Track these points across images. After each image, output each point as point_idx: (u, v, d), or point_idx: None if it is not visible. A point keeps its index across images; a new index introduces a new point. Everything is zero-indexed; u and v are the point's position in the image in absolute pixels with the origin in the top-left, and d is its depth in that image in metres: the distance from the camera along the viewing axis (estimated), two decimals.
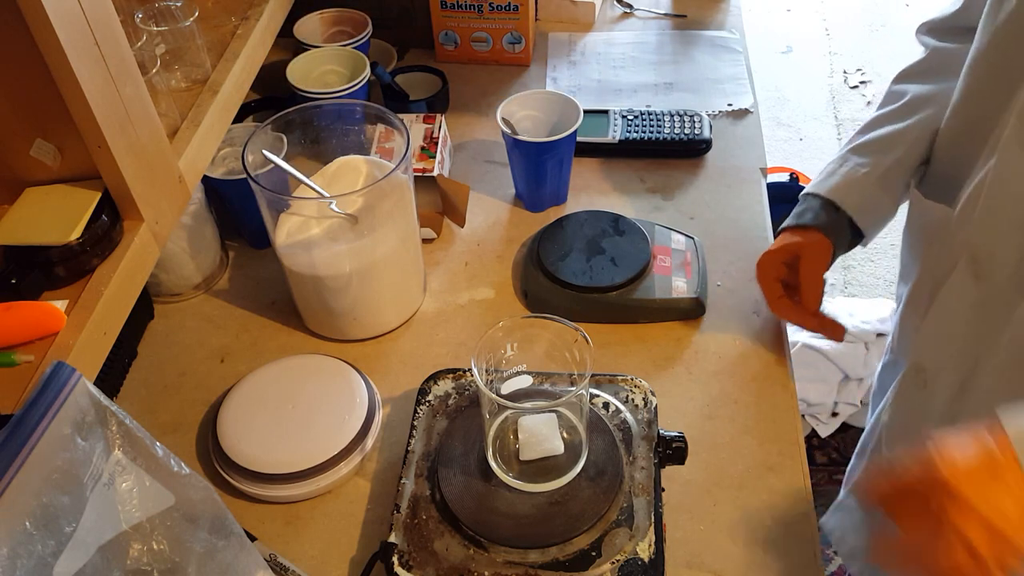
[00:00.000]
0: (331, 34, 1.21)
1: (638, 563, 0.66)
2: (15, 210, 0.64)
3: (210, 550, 0.63)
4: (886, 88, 0.92)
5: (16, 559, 0.50)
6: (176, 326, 0.95)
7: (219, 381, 0.88)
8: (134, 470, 0.59)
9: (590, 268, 0.91)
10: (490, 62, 1.28)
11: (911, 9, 3.13)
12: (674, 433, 0.73)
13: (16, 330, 0.59)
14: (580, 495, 0.70)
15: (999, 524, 0.50)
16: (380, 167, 0.89)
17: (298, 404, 0.81)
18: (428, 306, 0.95)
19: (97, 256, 0.64)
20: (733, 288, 0.95)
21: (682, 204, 1.06)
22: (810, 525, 0.75)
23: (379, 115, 0.92)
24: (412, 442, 0.76)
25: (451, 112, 1.20)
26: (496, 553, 0.67)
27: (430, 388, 0.80)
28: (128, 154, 0.63)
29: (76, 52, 0.56)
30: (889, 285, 2.17)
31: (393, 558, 0.67)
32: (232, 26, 0.88)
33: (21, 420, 0.53)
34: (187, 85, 0.80)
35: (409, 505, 0.71)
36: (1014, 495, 0.51)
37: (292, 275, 0.88)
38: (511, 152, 1.03)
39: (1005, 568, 0.50)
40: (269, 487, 0.77)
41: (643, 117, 1.12)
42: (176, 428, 0.85)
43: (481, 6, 1.22)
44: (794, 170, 2.11)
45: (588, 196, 1.07)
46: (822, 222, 0.84)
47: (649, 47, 1.32)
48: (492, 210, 1.06)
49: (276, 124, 0.85)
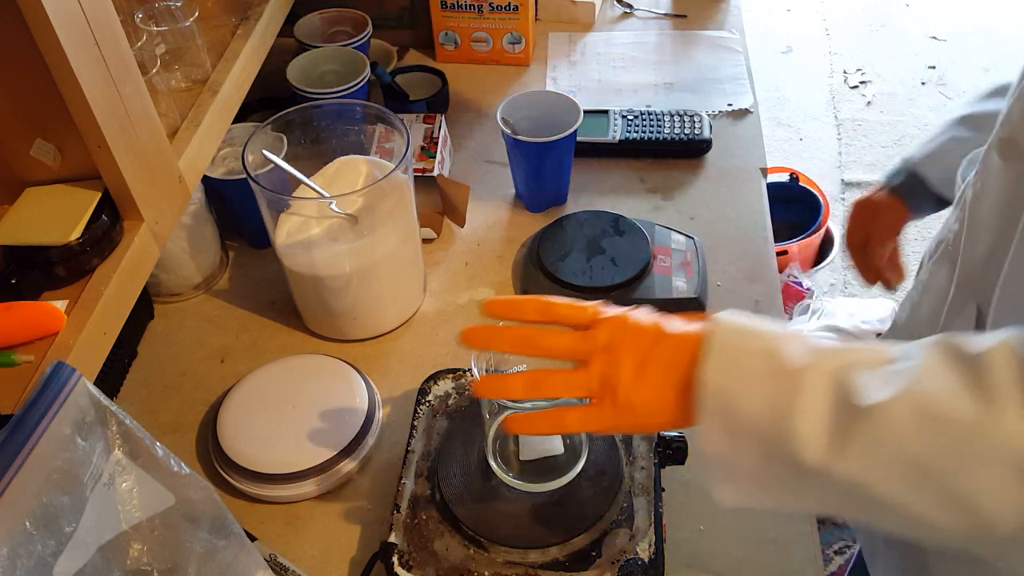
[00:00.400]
0: (331, 34, 1.21)
1: (638, 563, 0.66)
2: (15, 210, 0.64)
3: (210, 550, 0.63)
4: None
5: (16, 559, 0.50)
6: (176, 326, 0.95)
7: (219, 381, 0.88)
8: (134, 470, 0.59)
9: (590, 268, 0.91)
10: (490, 62, 1.28)
11: (911, 9, 3.13)
12: (674, 433, 0.73)
13: (16, 330, 0.59)
14: (580, 495, 0.70)
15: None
16: (380, 167, 0.89)
17: (298, 404, 0.81)
18: (428, 306, 0.95)
19: (97, 256, 0.64)
20: (733, 288, 0.95)
21: (682, 204, 1.06)
22: (810, 525, 0.75)
23: (379, 115, 0.92)
24: (412, 442, 0.76)
25: (451, 112, 1.20)
26: (496, 553, 0.67)
27: (430, 388, 0.80)
28: (128, 154, 0.63)
29: (76, 52, 0.56)
30: None
31: (393, 558, 0.67)
32: (232, 26, 0.88)
33: (21, 420, 0.52)
34: (187, 85, 0.80)
35: (409, 505, 0.71)
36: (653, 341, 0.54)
37: (292, 275, 0.88)
38: (511, 152, 1.03)
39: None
40: (269, 487, 0.77)
41: (643, 117, 1.12)
42: (176, 428, 0.85)
43: (481, 6, 1.22)
44: (794, 170, 2.11)
45: (588, 196, 1.07)
46: (903, 189, 0.91)
47: (649, 47, 1.32)
48: (492, 210, 1.06)
49: (276, 124, 0.85)
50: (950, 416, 0.44)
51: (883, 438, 0.45)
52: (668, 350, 0.54)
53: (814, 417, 0.47)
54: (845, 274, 2.20)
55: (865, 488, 0.47)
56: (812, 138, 2.62)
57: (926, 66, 2.85)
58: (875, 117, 2.67)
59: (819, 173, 2.41)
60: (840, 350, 0.50)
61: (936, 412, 0.45)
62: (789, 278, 1.95)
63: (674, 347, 0.54)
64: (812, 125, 2.67)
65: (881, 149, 2.56)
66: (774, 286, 0.95)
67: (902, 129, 2.62)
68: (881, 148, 2.56)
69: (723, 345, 0.51)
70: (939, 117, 2.62)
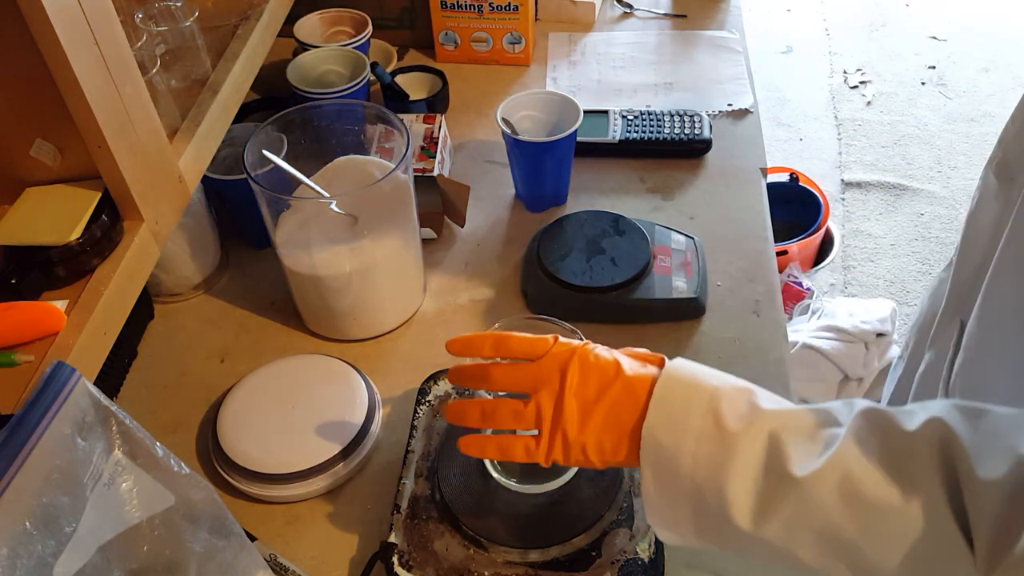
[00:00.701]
0: (331, 34, 1.21)
1: (638, 563, 0.66)
2: (15, 210, 0.64)
3: (210, 550, 0.63)
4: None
5: (16, 559, 0.50)
6: (176, 326, 0.95)
7: (219, 381, 0.88)
8: (134, 470, 0.59)
9: (590, 268, 0.91)
10: (490, 62, 1.28)
11: (911, 9, 3.13)
12: None
13: (16, 330, 0.59)
14: (580, 495, 0.70)
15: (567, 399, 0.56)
16: (380, 167, 0.89)
17: (298, 404, 0.81)
18: (428, 306, 0.95)
19: (97, 256, 0.64)
20: (733, 288, 0.95)
21: (682, 204, 1.06)
22: None
23: (379, 115, 0.92)
24: (412, 442, 0.76)
25: (451, 112, 1.20)
26: (496, 553, 0.67)
27: (430, 388, 0.80)
28: (128, 154, 0.63)
29: (76, 52, 0.56)
30: (889, 285, 2.17)
31: (393, 558, 0.67)
32: (232, 26, 0.88)
33: (21, 420, 0.52)
34: (187, 85, 0.80)
35: (409, 505, 0.71)
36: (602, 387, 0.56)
37: (292, 275, 0.88)
38: (511, 152, 1.03)
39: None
40: (269, 487, 0.77)
41: (643, 117, 1.12)
42: (176, 428, 0.85)
43: (481, 6, 1.22)
44: (794, 170, 2.12)
45: (588, 196, 1.07)
46: None
47: (649, 47, 1.32)
48: (492, 210, 1.06)
49: (276, 124, 0.85)
50: (871, 497, 0.46)
51: (806, 509, 0.48)
52: (617, 393, 0.55)
53: (743, 483, 0.49)
54: (845, 274, 2.20)
55: (789, 551, 0.49)
56: (812, 138, 2.62)
57: (926, 66, 2.85)
58: (875, 117, 2.67)
59: (819, 173, 2.41)
60: (779, 413, 0.52)
61: (858, 491, 0.46)
62: (789, 278, 1.95)
63: (623, 391, 0.55)
64: (812, 125, 2.67)
65: (881, 149, 2.56)
66: (774, 286, 0.96)
67: (902, 129, 2.62)
68: (881, 148, 2.56)
69: (667, 399, 0.53)
70: (939, 117, 2.64)
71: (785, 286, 1.92)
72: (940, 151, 2.54)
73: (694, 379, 0.54)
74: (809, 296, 1.92)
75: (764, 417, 0.51)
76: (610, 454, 0.56)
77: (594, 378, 0.56)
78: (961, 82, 2.78)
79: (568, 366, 0.57)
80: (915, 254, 2.25)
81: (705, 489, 0.51)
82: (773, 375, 0.87)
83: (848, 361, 1.72)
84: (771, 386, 0.85)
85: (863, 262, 2.23)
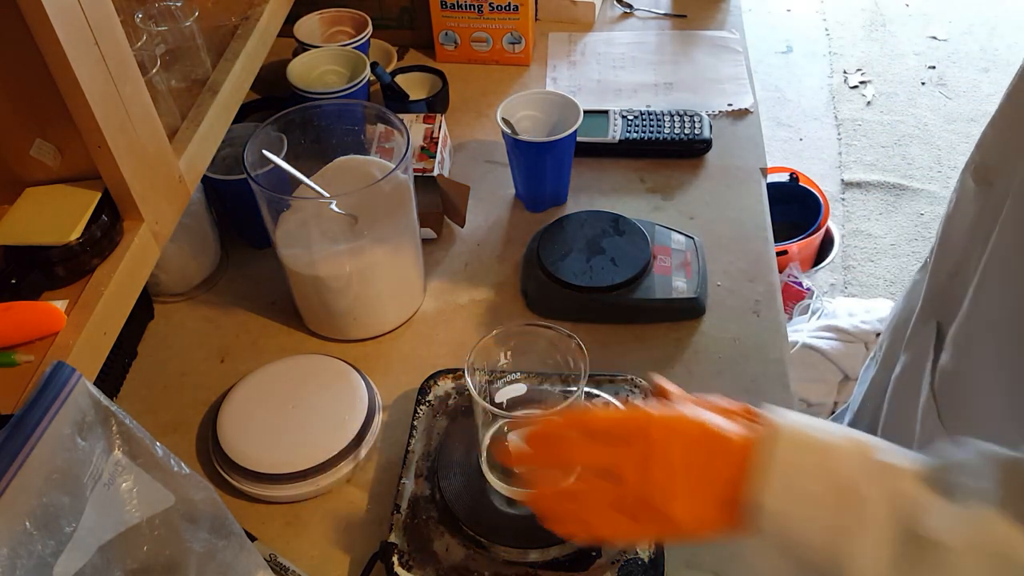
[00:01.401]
0: (331, 34, 1.21)
1: (638, 563, 0.66)
2: (15, 210, 0.64)
3: (210, 550, 0.63)
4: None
5: (16, 559, 0.50)
6: (176, 326, 0.95)
7: (219, 381, 0.88)
8: (134, 470, 0.59)
9: (590, 268, 0.91)
10: (490, 62, 1.28)
11: (911, 9, 3.13)
12: None
13: (16, 330, 0.59)
14: None
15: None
16: (380, 167, 0.89)
17: (298, 404, 0.81)
18: (428, 306, 0.95)
19: (97, 256, 0.64)
20: (733, 288, 0.95)
21: (682, 204, 1.06)
22: None
23: (379, 115, 0.92)
24: (412, 442, 0.76)
25: (451, 112, 1.20)
26: (496, 553, 0.67)
27: (430, 388, 0.80)
28: (128, 154, 0.63)
29: (76, 52, 0.56)
30: (889, 285, 2.17)
31: (393, 558, 0.67)
32: (232, 26, 0.88)
33: (21, 420, 0.52)
34: (187, 85, 0.80)
35: (409, 505, 0.71)
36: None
37: (292, 275, 0.88)
38: (511, 152, 1.03)
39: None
40: (269, 487, 0.77)
41: (643, 117, 1.12)
42: (176, 428, 0.85)
43: (481, 6, 1.22)
44: (794, 170, 2.12)
45: (588, 196, 1.07)
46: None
47: (649, 47, 1.32)
48: (492, 210, 1.06)
49: (276, 124, 0.85)
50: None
51: (949, 574, 0.43)
52: (715, 462, 0.51)
53: (875, 549, 0.45)
54: (845, 274, 2.20)
55: None
56: (812, 138, 2.62)
57: (926, 66, 2.85)
58: (875, 117, 2.67)
59: (819, 173, 2.41)
60: (897, 469, 0.47)
61: (1009, 554, 0.42)
62: (789, 278, 1.95)
63: (722, 458, 0.51)
64: (812, 125, 2.67)
65: (881, 149, 2.56)
66: (774, 286, 0.96)
67: (902, 129, 2.62)
68: (881, 148, 2.56)
69: (779, 463, 0.49)
70: (939, 117, 2.64)
71: (785, 286, 1.92)
72: (940, 151, 2.54)
73: (801, 436, 0.50)
74: (809, 296, 1.92)
75: (886, 471, 0.47)
76: (712, 526, 0.51)
77: (687, 445, 0.52)
78: (961, 82, 2.78)
79: (659, 436, 0.52)
80: (915, 254, 2.25)
81: (830, 558, 0.46)
82: (773, 375, 0.87)
83: (848, 361, 1.72)
84: (771, 386, 0.86)
85: (863, 262, 2.23)
